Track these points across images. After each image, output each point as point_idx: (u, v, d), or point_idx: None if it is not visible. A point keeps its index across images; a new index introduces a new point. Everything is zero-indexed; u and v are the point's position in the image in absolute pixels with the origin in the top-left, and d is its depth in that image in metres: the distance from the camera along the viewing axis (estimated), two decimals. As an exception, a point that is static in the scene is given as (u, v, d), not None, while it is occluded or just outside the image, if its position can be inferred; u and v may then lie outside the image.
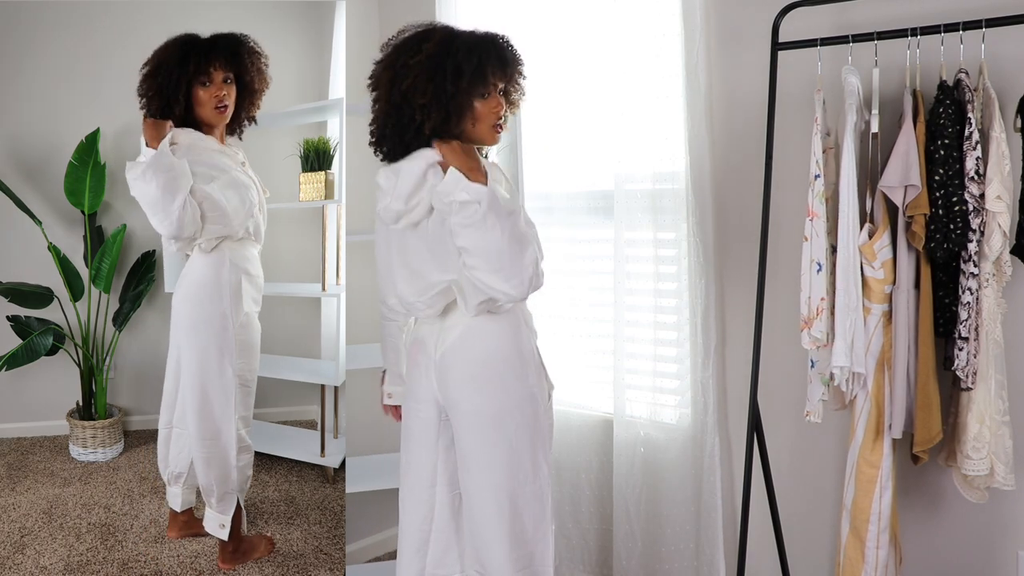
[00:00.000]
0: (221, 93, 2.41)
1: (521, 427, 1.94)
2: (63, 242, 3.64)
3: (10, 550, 2.77)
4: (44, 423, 3.87)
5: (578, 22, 2.84)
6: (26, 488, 3.29)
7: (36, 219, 3.54)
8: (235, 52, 2.42)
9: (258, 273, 2.62)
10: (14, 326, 3.60)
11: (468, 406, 1.95)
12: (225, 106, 2.42)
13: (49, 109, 3.76)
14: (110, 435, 3.61)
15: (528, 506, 1.96)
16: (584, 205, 2.93)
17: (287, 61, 3.96)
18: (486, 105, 1.92)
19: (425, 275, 1.94)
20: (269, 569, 2.69)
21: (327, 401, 3.44)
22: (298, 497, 3.23)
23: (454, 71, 1.86)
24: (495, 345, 1.94)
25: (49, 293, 3.63)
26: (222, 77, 2.40)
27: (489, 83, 1.91)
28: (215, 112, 2.42)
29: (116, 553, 2.76)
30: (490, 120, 1.93)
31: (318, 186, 3.32)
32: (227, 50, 2.41)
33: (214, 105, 2.41)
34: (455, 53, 1.87)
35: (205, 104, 2.41)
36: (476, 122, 1.93)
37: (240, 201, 2.45)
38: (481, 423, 1.94)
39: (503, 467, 1.94)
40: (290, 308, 4.04)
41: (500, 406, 1.93)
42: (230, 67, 2.41)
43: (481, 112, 1.92)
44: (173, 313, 2.59)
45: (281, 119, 3.59)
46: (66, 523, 2.98)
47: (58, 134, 3.69)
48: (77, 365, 3.64)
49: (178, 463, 2.73)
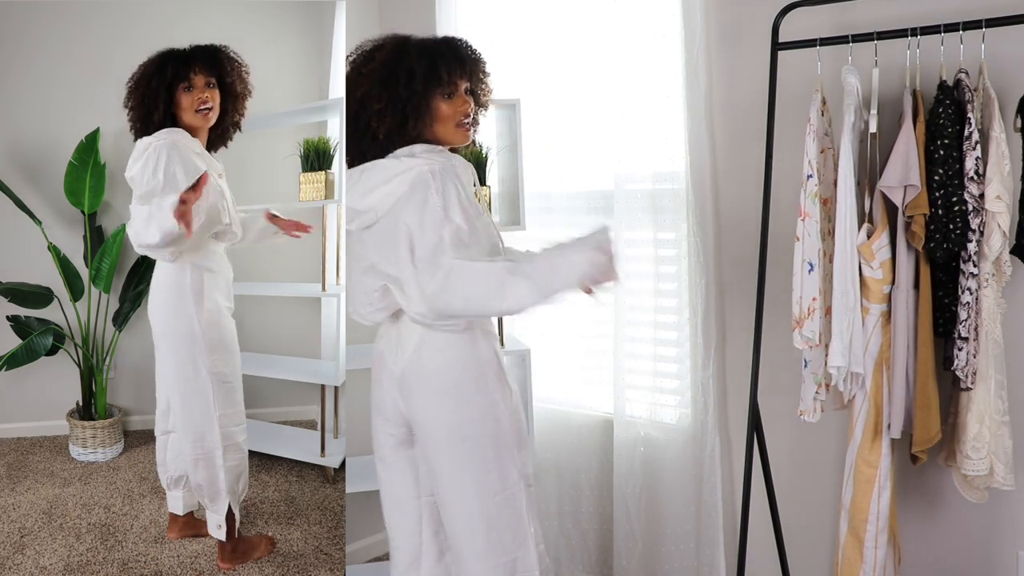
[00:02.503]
0: (204, 96, 2.44)
1: (484, 438, 1.92)
2: (63, 242, 3.64)
3: (10, 550, 2.77)
4: (44, 423, 3.87)
5: (578, 22, 2.84)
6: (26, 488, 3.29)
7: (36, 219, 3.54)
8: (214, 58, 2.47)
9: (221, 269, 2.61)
10: (14, 326, 3.60)
11: (431, 423, 1.95)
12: (208, 108, 2.46)
13: (49, 109, 3.75)
14: (110, 435, 3.61)
15: (502, 515, 1.95)
16: (584, 205, 2.93)
17: (287, 61, 3.96)
18: (451, 105, 1.93)
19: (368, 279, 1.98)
20: (269, 569, 2.69)
21: (327, 401, 3.44)
22: (298, 497, 3.23)
23: (407, 73, 1.88)
24: (451, 357, 1.92)
25: (49, 293, 3.63)
26: (204, 81, 2.45)
27: (448, 82, 1.91)
28: (197, 115, 2.45)
29: (116, 553, 2.76)
30: (454, 119, 1.94)
31: (318, 186, 3.32)
32: (206, 57, 2.46)
33: (196, 108, 2.44)
34: (407, 57, 1.90)
35: (187, 108, 2.45)
36: (438, 122, 1.93)
37: (207, 208, 2.45)
38: (444, 440, 1.94)
39: (471, 483, 1.93)
40: (290, 308, 4.04)
41: (461, 420, 1.92)
42: (211, 72, 2.46)
43: (445, 112, 1.92)
44: (150, 321, 2.62)
45: (281, 119, 3.59)
46: (66, 523, 2.98)
47: (58, 134, 3.68)
48: (77, 365, 3.64)
49: (176, 467, 2.73)
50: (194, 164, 2.41)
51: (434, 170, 1.84)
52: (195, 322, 2.50)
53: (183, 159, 2.39)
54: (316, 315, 3.82)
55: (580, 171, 2.92)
